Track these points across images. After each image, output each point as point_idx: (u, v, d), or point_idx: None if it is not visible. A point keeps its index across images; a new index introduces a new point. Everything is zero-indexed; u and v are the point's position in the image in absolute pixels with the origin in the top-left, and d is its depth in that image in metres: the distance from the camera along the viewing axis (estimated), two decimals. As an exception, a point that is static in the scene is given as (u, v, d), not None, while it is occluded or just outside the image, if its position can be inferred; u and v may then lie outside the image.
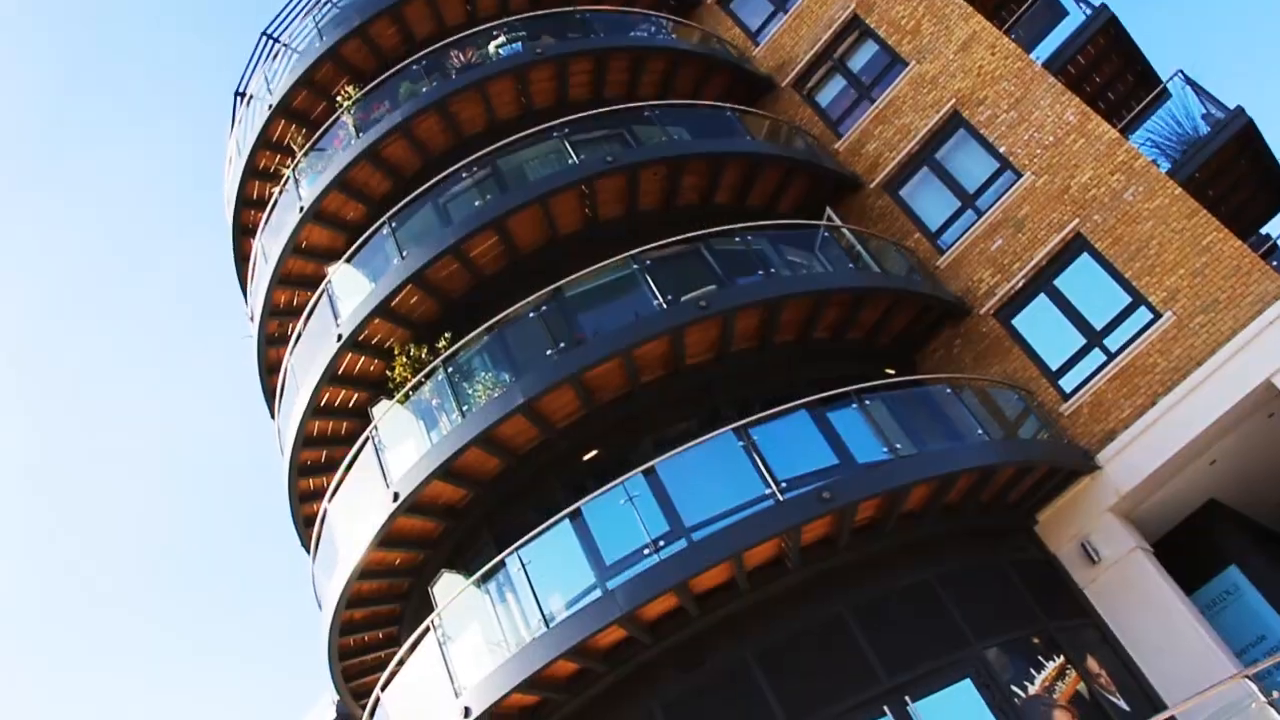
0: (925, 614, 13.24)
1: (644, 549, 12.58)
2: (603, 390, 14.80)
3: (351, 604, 16.15)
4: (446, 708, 13.06)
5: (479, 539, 15.60)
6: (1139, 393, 14.58)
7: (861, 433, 13.45)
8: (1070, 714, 12.87)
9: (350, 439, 17.27)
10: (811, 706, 12.42)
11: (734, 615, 13.00)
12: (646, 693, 13.10)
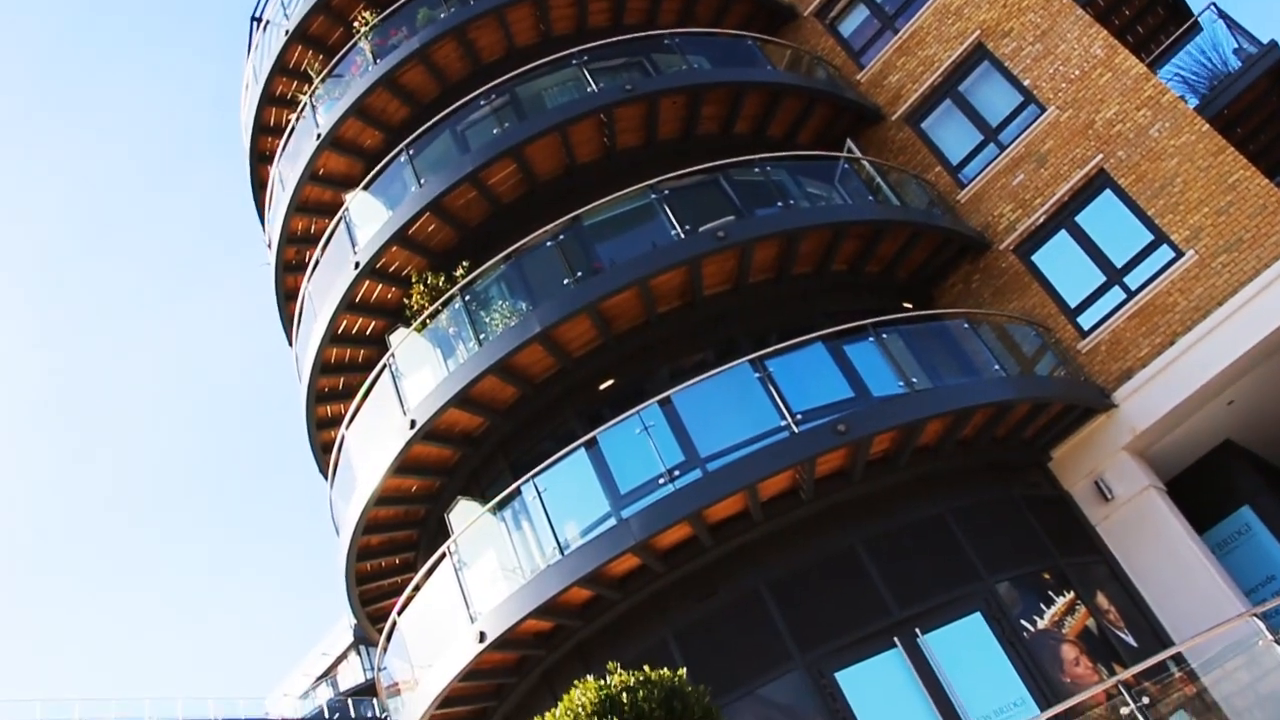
0: (937, 547, 13.31)
1: (659, 478, 12.67)
2: (619, 320, 14.80)
3: (368, 530, 16.32)
4: (462, 632, 13.25)
5: (495, 467, 15.73)
6: (1158, 331, 14.49)
7: (877, 366, 13.44)
8: (1078, 649, 12.97)
9: (368, 366, 17.36)
10: (823, 637, 12.56)
11: (747, 546, 13.12)
12: (659, 620, 13.25)
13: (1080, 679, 12.50)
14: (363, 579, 17.57)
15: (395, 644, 15.45)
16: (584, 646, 13.56)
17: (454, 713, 14.33)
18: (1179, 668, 11.69)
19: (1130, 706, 10.24)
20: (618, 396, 14.85)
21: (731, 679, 12.47)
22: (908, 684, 12.15)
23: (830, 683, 12.19)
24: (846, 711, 12.05)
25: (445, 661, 13.40)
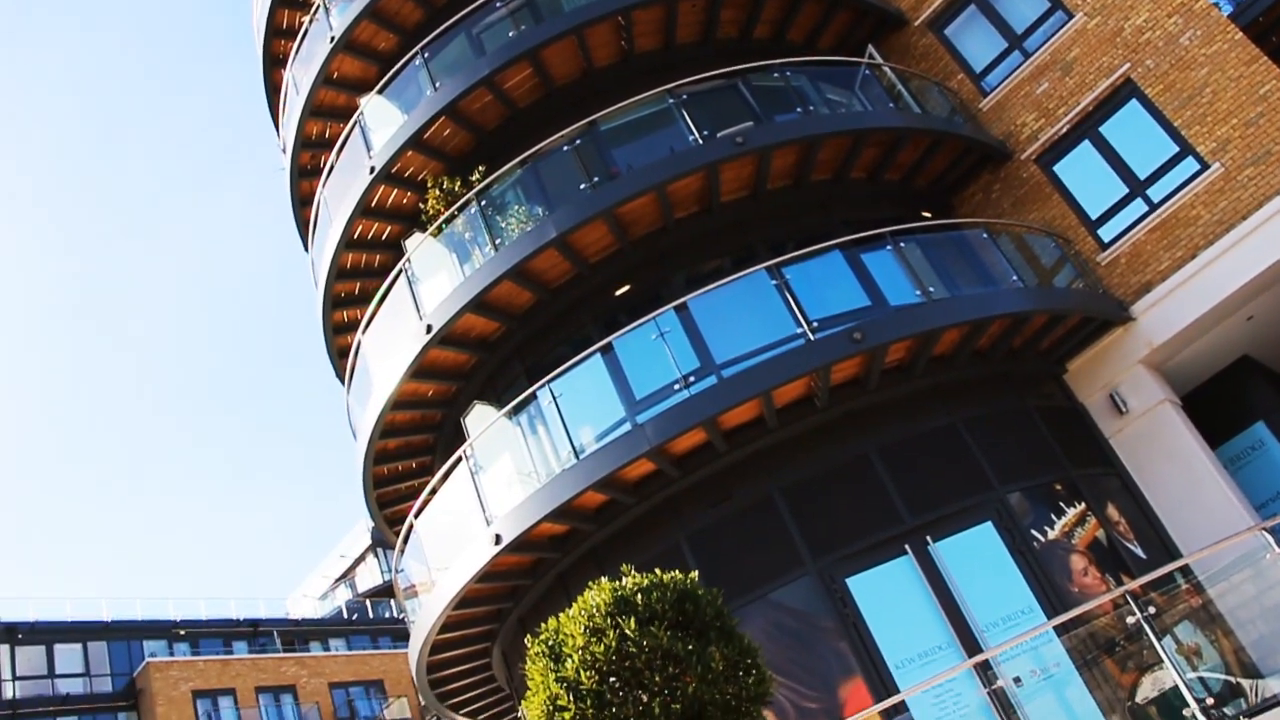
0: (950, 457, 13.35)
1: (674, 384, 12.71)
2: (636, 225, 14.72)
3: (385, 434, 16.45)
4: (478, 535, 13.41)
5: (511, 372, 15.78)
6: (1179, 245, 14.35)
7: (895, 275, 13.37)
8: (1087, 559, 13.07)
9: (384, 271, 17.36)
10: (834, 543, 12.69)
11: (761, 452, 13.19)
12: (673, 525, 13.39)
13: (1088, 589, 12.62)
14: (380, 482, 17.77)
15: (412, 546, 15.66)
16: (598, 550, 13.73)
17: (470, 614, 14.58)
18: (1186, 580, 11.78)
19: (1136, 616, 10.34)
20: (634, 302, 14.85)
21: (744, 583, 12.65)
22: (918, 591, 12.30)
23: (841, 588, 12.35)
24: (856, 617, 12.22)
25: (462, 563, 13.58)
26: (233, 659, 48.30)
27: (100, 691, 46.02)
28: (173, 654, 48.28)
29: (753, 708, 8.84)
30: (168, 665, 45.99)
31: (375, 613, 58.36)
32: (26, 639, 45.72)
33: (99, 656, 47.17)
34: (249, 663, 48.22)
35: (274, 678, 47.92)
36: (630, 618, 8.64)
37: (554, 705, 8.63)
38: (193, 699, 45.18)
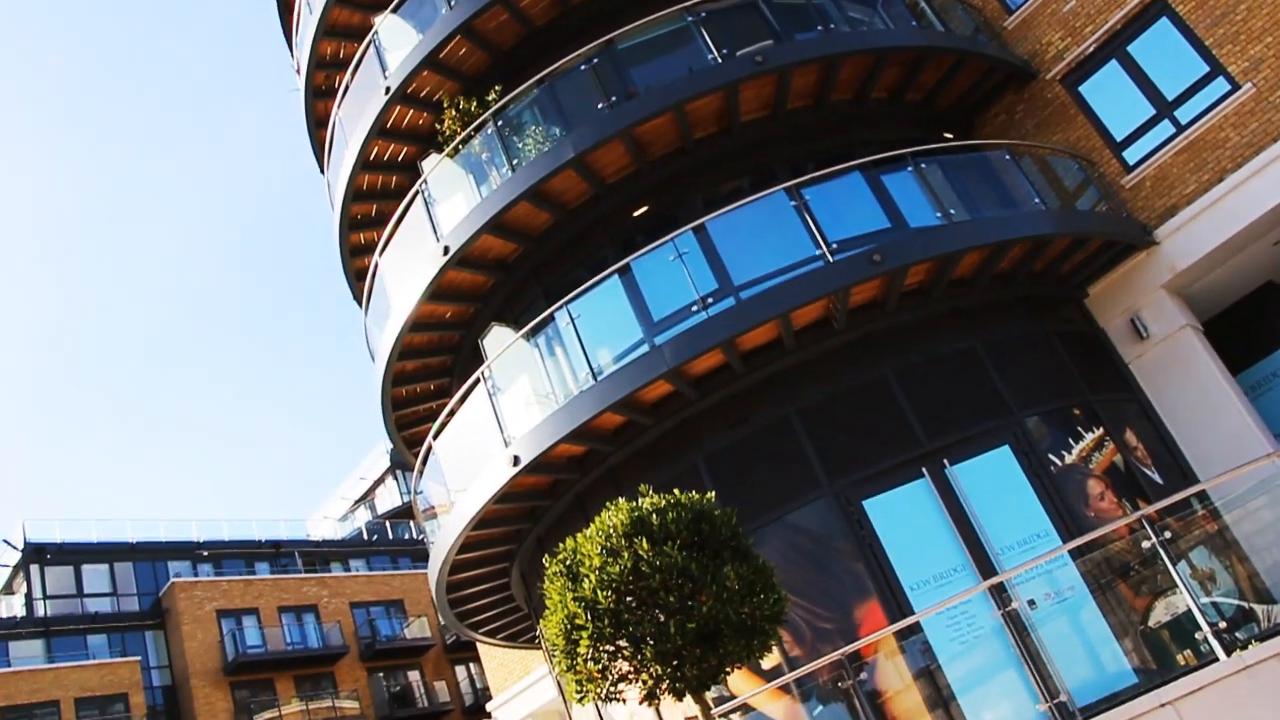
0: (968, 380, 13.31)
1: (692, 306, 12.67)
2: (654, 145, 14.57)
3: (404, 355, 16.48)
4: (496, 456, 13.46)
5: (529, 293, 15.75)
6: (1206, 168, 14.12)
7: (915, 197, 13.23)
8: (1104, 484, 13.06)
9: (400, 193, 17.28)
10: (851, 465, 12.71)
11: (779, 374, 13.17)
12: (691, 446, 13.42)
13: (1104, 513, 12.63)
14: (399, 404, 17.85)
15: (431, 468, 15.76)
16: (616, 471, 13.79)
17: (489, 534, 14.71)
18: (1202, 505, 11.74)
19: (1152, 541, 10.34)
20: (652, 223, 14.75)
21: (760, 504, 12.70)
22: (934, 514, 12.33)
23: (857, 510, 12.39)
24: (872, 538, 12.28)
25: (480, 484, 13.66)
26: (255, 579, 49.05)
27: (127, 610, 46.88)
28: (196, 574, 49.07)
29: (768, 627, 8.93)
30: (192, 585, 46.75)
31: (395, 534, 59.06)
32: (55, 559, 46.48)
33: (125, 576, 47.96)
34: (271, 583, 48.96)
35: (296, 597, 48.69)
36: (645, 538, 8.70)
37: (572, 624, 8.74)
38: (217, 618, 45.97)
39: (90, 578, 47.14)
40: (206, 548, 51.06)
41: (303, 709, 45.34)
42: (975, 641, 11.32)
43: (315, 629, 48.05)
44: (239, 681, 44.93)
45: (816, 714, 11.65)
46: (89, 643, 44.70)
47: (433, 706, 48.92)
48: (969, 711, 11.01)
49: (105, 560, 47.95)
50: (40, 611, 45.09)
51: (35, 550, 46.39)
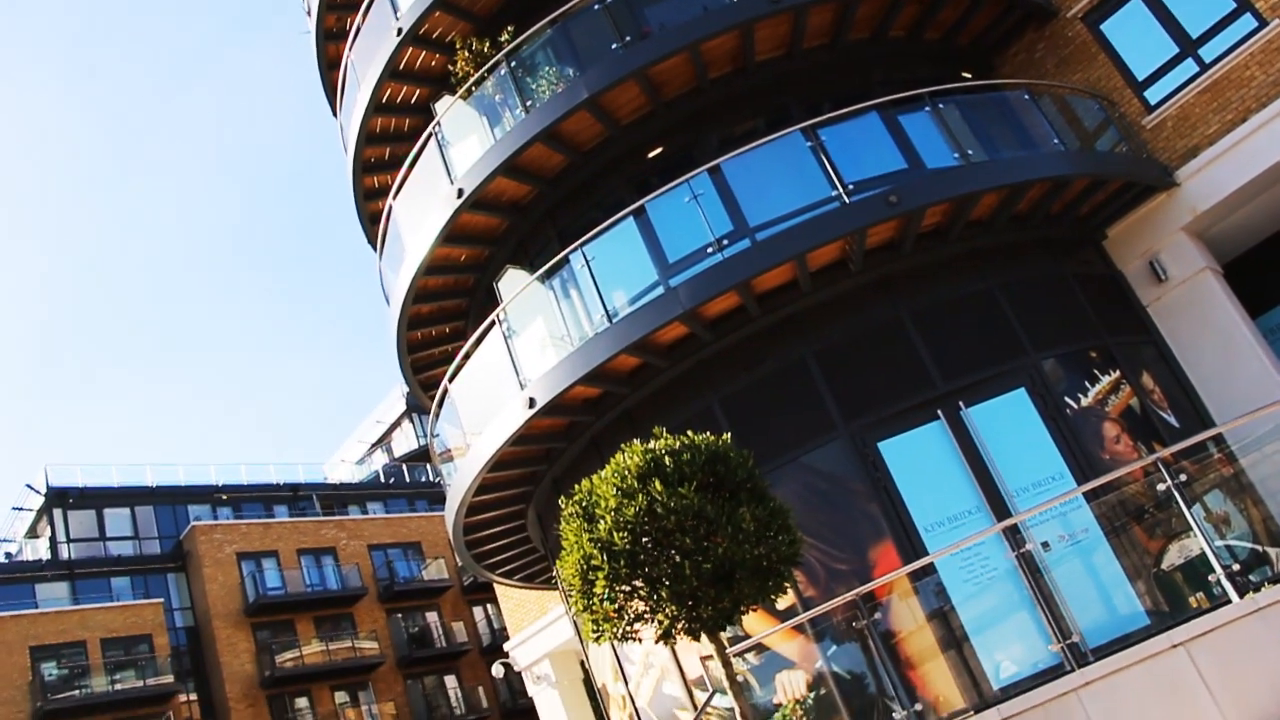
0: (984, 322, 13.25)
1: (707, 247, 12.61)
2: (669, 86, 14.43)
3: (418, 299, 16.47)
4: (511, 399, 13.50)
5: (543, 235, 15.71)
6: (1230, 107, 13.89)
7: (932, 137, 13.09)
8: (1119, 427, 13.02)
9: (413, 135, 17.18)
10: (867, 407, 12.70)
11: (795, 316, 13.13)
12: (706, 388, 13.42)
13: (1120, 456, 12.62)
14: (414, 348, 17.89)
15: (447, 411, 15.83)
16: (631, 413, 13.82)
17: (505, 476, 14.79)
18: (1218, 449, 11.72)
19: (1167, 484, 10.33)
20: (666, 165, 14.64)
21: (775, 446, 12.71)
22: (949, 456, 12.34)
23: (872, 452, 12.41)
24: (888, 480, 12.31)
25: (496, 427, 13.71)
26: (274, 522, 49.53)
27: (149, 553, 47.47)
28: (216, 518, 49.60)
29: (783, 568, 8.99)
30: (212, 528, 47.25)
31: (411, 477, 59.48)
32: (77, 503, 47.02)
33: (146, 520, 48.51)
34: (290, 526, 49.46)
35: (314, 540, 49.20)
36: (660, 480, 8.74)
37: (588, 564, 8.81)
38: (237, 560, 46.51)
39: (112, 521, 47.71)
40: (225, 491, 51.55)
41: (323, 649, 45.99)
42: (989, 583, 11.38)
43: (334, 571, 48.61)
44: (260, 623, 45.57)
45: (830, 654, 11.75)
46: (112, 585, 45.36)
47: (451, 647, 49.54)
48: (981, 652, 11.09)
49: (126, 504, 48.49)
50: (64, 555, 45.72)
51: (58, 495, 46.93)
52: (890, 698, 10.72)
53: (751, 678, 11.97)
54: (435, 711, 47.70)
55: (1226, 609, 9.52)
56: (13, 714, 38.94)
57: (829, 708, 11.30)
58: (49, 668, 40.39)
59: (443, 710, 48.23)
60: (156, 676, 42.11)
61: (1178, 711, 9.37)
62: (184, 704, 43.49)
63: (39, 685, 39.63)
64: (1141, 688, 9.57)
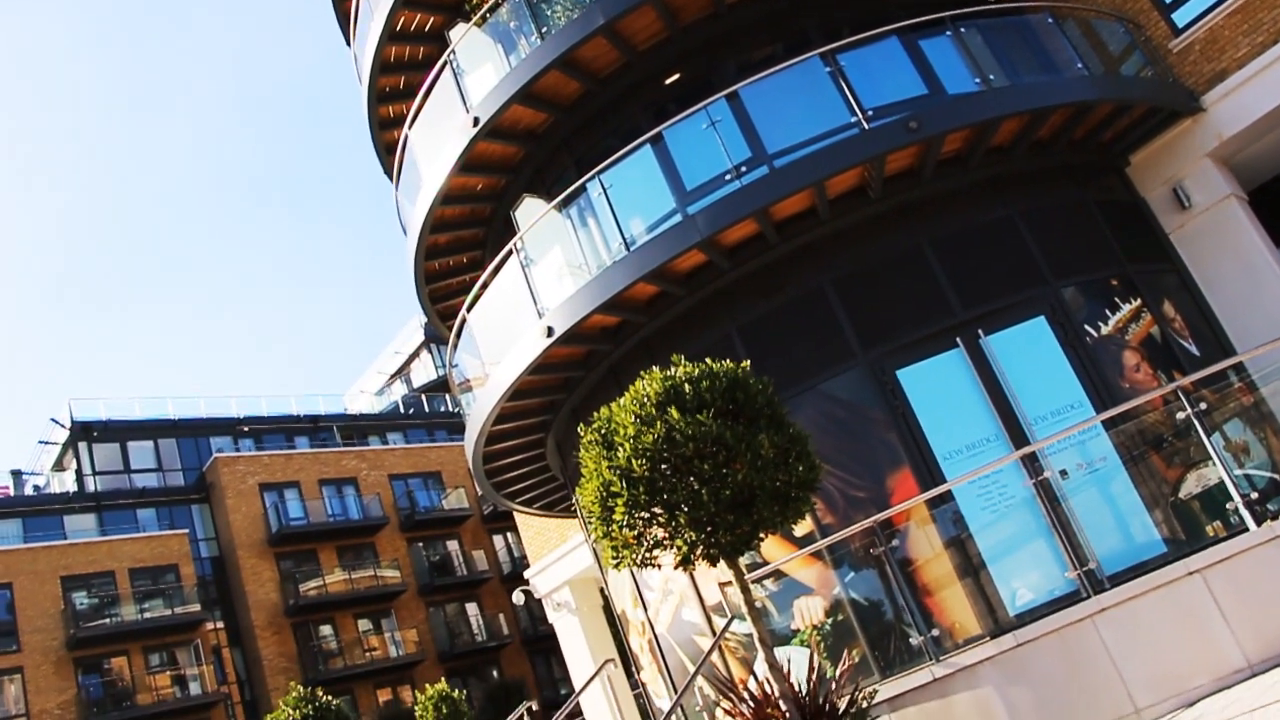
0: (1004, 250, 13.14)
1: (725, 175, 12.52)
2: (686, 11, 14.20)
3: (435, 229, 16.43)
4: (529, 328, 13.50)
5: (560, 164, 15.61)
6: (1261, 29, 13.56)
7: (953, 62, 12.88)
8: (1139, 355, 12.96)
9: (428, 64, 17.01)
10: (884, 334, 12.66)
11: (813, 243, 13.03)
12: (724, 316, 13.39)
13: (1139, 384, 12.57)
14: (432, 278, 17.88)
15: (465, 340, 15.87)
16: (649, 341, 13.80)
17: (524, 405, 14.84)
18: (1239, 377, 11.66)
19: (1186, 412, 10.31)
20: (684, 92, 14.45)
21: (794, 374, 12.70)
22: (967, 384, 12.31)
23: (891, 380, 12.39)
24: (906, 408, 12.30)
25: (514, 356, 13.73)
26: (295, 453, 49.99)
27: (173, 485, 48.06)
28: (238, 449, 50.08)
29: (801, 495, 9.01)
30: (234, 460, 47.74)
31: (431, 407, 59.83)
32: (101, 437, 47.56)
33: (170, 452, 49.05)
34: (311, 456, 49.92)
35: (335, 470, 49.68)
36: (678, 407, 8.76)
37: (607, 491, 8.85)
38: (259, 491, 47.05)
39: (136, 454, 48.28)
40: (247, 423, 52.00)
41: (346, 578, 46.67)
42: (1006, 511, 11.40)
43: (355, 501, 49.15)
44: (283, 552, 46.22)
45: (848, 581, 11.84)
46: (138, 516, 46.04)
47: (472, 574, 50.20)
48: (998, 579, 11.14)
49: (149, 437, 49.02)
50: (90, 487, 46.34)
51: (82, 428, 47.46)
52: (907, 624, 10.81)
53: (770, 604, 12.08)
54: (457, 638, 48.48)
55: (1244, 537, 9.54)
56: (48, 641, 39.82)
57: (846, 633, 11.40)
58: (80, 597, 41.18)
59: (464, 637, 49.00)
60: (184, 605, 42.89)
61: (1193, 637, 9.43)
62: (211, 632, 44.34)
63: (71, 614, 40.45)
64: (1157, 614, 9.62)
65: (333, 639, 45.73)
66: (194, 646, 42.70)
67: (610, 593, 16.67)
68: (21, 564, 40.63)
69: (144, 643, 41.58)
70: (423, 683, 36.04)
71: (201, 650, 42.72)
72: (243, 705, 44.65)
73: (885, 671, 10.73)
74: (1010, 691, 9.79)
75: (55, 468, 49.06)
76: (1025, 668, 9.81)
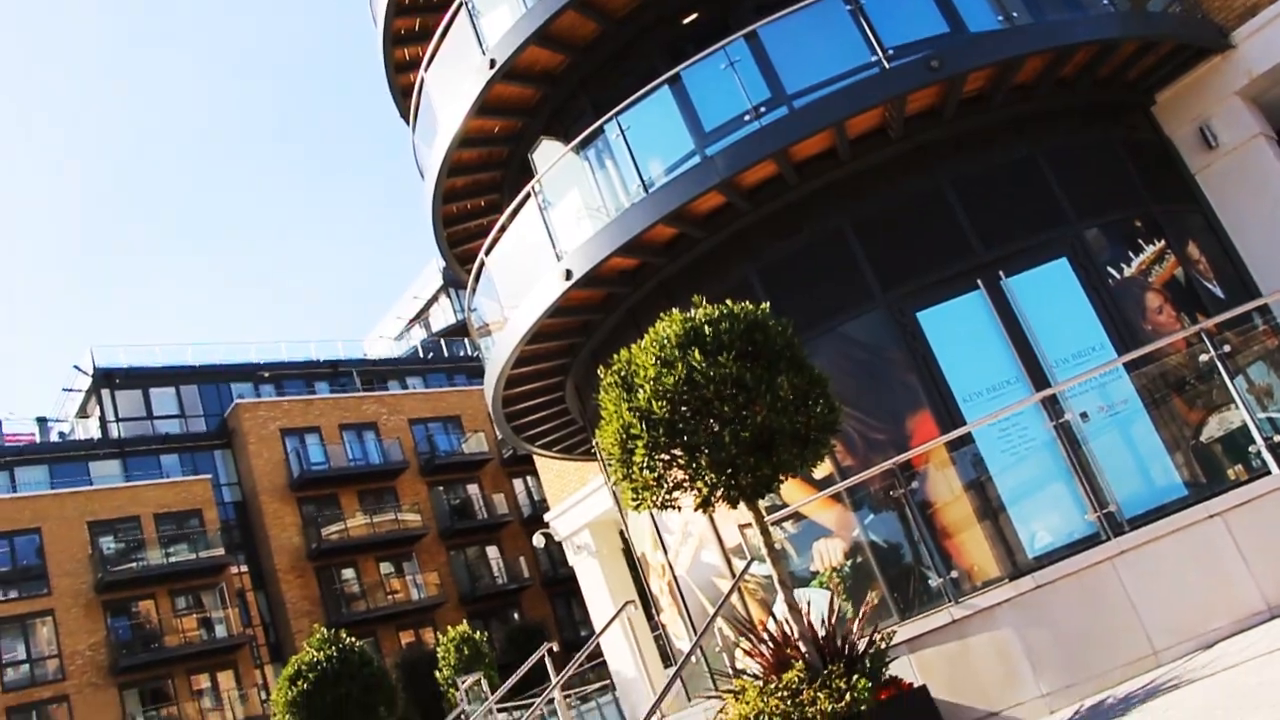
0: (1027, 191, 12.96)
1: (744, 115, 12.36)
2: (704, -52, 14.05)
3: (453, 172, 16.38)
4: (548, 271, 13.48)
5: (577, 105, 15.48)
6: (1298, -39, 13.29)
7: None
8: (1163, 297, 12.84)
9: (444, 5, 16.78)
10: (904, 275, 12.55)
11: (833, 184, 12.89)
12: (743, 258, 13.30)
13: (1162, 326, 12.47)
14: (449, 221, 17.84)
15: (484, 284, 15.86)
16: (668, 284, 13.75)
17: (543, 349, 14.86)
18: (1264, 320, 11.59)
19: (1209, 355, 10.22)
20: (702, 32, 14.23)
21: (814, 316, 12.59)
22: (988, 326, 12.21)
23: (911, 321, 12.31)
24: (926, 350, 12.23)
25: (533, 299, 13.72)
26: (315, 399, 50.32)
27: (195, 431, 48.48)
28: (259, 395, 50.40)
29: (822, 436, 9.01)
30: (255, 406, 48.07)
31: (450, 351, 60.03)
32: (123, 383, 47.94)
33: (191, 399, 49.46)
34: (331, 402, 50.24)
35: (356, 415, 49.98)
36: (698, 349, 8.73)
37: (627, 433, 8.86)
38: (281, 436, 47.41)
39: (158, 400, 48.67)
40: (267, 369, 52.28)
41: (367, 522, 47.13)
42: (1026, 453, 11.37)
43: (375, 445, 49.49)
44: (305, 497, 46.66)
45: (868, 523, 11.87)
46: (162, 462, 46.51)
47: (492, 518, 50.60)
48: (1018, 521, 11.14)
49: (171, 383, 49.39)
50: (115, 433, 46.79)
51: (105, 375, 47.84)
52: (926, 566, 10.86)
53: (789, 546, 12.13)
54: (478, 581, 48.99)
55: (1265, 480, 9.50)
56: (77, 584, 40.51)
57: (865, 575, 11.45)
58: (107, 541, 41.78)
59: (485, 580, 49.52)
60: (208, 549, 43.45)
61: (1213, 580, 9.42)
62: (235, 575, 44.90)
63: (99, 558, 41.08)
64: (1177, 556, 9.61)
65: (355, 582, 46.29)
66: (219, 590, 43.31)
67: (630, 535, 16.78)
68: (49, 509, 41.20)
69: (170, 586, 42.21)
70: (444, 625, 36.54)
71: (226, 593, 43.34)
72: (267, 647, 45.33)
73: (904, 613, 10.77)
74: (1029, 633, 9.83)
75: (79, 414, 49.54)
76: (1044, 610, 9.84)
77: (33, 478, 44.04)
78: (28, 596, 39.83)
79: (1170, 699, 7.88)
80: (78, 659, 39.53)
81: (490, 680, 22.94)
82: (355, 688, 17.21)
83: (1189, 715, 6.90)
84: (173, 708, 40.50)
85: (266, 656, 44.93)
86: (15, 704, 38.06)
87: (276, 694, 17.51)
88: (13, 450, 45.10)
